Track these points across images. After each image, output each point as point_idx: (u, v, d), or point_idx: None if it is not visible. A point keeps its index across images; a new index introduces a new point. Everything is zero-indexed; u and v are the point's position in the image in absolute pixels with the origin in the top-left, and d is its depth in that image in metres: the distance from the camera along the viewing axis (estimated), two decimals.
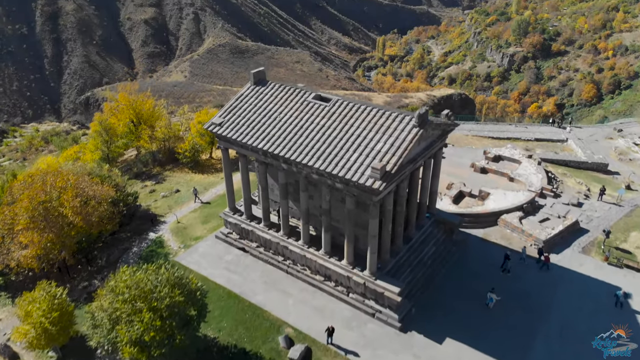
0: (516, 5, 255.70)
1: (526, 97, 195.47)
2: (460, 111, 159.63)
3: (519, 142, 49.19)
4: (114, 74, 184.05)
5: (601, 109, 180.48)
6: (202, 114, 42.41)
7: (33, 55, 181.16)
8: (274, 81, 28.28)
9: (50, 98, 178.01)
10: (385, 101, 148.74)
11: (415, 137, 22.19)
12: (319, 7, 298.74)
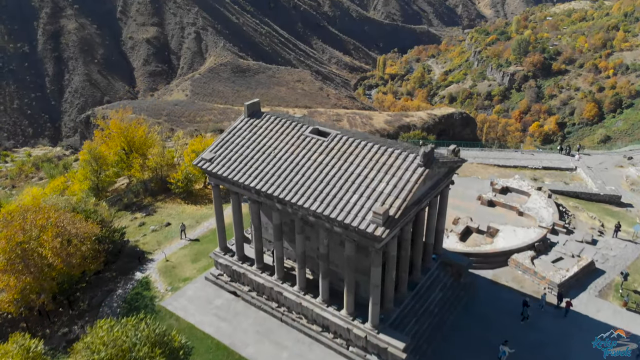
0: (516, 24, 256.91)
1: (527, 115, 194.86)
2: (462, 130, 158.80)
3: (526, 170, 47.39)
4: (115, 92, 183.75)
5: (603, 127, 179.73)
6: (196, 142, 40.59)
7: (34, 74, 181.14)
8: (270, 113, 26.65)
9: (51, 116, 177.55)
10: (386, 120, 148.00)
11: (421, 177, 20.43)
12: (320, 26, 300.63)
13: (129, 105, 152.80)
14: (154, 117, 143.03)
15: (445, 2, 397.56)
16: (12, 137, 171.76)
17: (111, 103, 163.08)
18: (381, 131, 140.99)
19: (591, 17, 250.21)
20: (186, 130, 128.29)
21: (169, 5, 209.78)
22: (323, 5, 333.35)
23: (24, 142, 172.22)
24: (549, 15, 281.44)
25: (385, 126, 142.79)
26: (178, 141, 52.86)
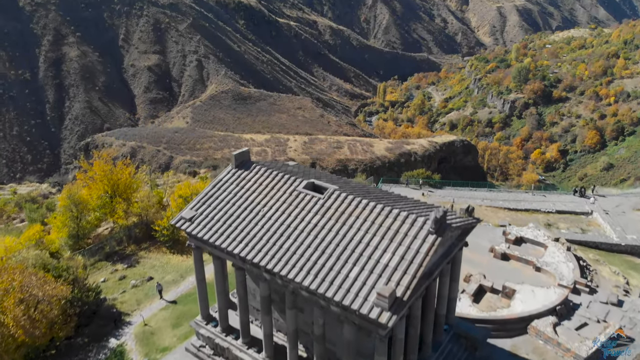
0: (515, 52, 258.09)
1: (529, 143, 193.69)
2: (463, 158, 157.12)
3: (538, 214, 44.76)
4: (116, 119, 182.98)
5: (605, 155, 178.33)
6: (184, 186, 37.72)
7: (35, 101, 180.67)
8: (260, 163, 23.94)
9: (50, 143, 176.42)
10: (387, 147, 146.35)
11: (432, 247, 17.76)
12: (321, 54, 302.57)
13: (129, 132, 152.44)
14: (153, 145, 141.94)
15: (445, 30, 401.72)
16: (10, 164, 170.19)
17: (111, 130, 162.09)
18: (382, 158, 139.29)
19: (590, 45, 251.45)
20: (181, 163, 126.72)
21: (171, 33, 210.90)
22: (324, 33, 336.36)
23: (23, 169, 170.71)
24: (548, 43, 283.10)
25: (386, 153, 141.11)
26: (167, 181, 50.25)
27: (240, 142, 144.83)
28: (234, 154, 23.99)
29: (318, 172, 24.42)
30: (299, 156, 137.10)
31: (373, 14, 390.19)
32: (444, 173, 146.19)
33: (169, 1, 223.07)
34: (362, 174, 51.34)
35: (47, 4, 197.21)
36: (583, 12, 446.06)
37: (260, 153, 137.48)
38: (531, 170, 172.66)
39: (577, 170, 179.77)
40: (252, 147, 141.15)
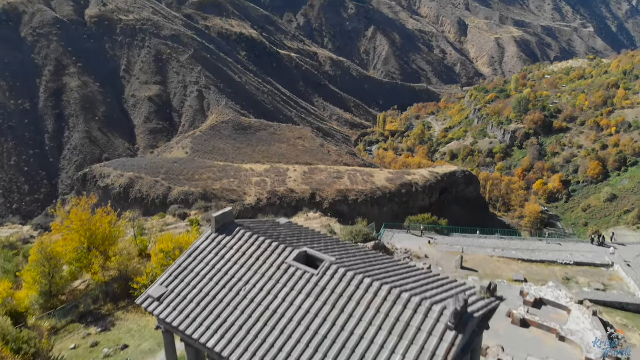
0: (515, 83, 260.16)
1: (530, 173, 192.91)
2: (465, 189, 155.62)
3: (555, 266, 41.56)
4: (115, 149, 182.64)
5: (608, 186, 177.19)
6: (166, 240, 32.26)
7: (34, 131, 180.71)
8: (244, 226, 19.35)
9: (49, 174, 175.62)
10: (388, 177, 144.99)
11: (452, 347, 13.87)
12: (322, 85, 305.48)
13: (127, 163, 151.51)
14: (152, 175, 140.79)
15: (444, 61, 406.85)
16: (7, 194, 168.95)
17: (110, 161, 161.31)
18: (383, 189, 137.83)
19: (590, 75, 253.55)
20: (179, 194, 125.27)
21: (172, 64, 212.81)
22: (324, 65, 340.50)
23: (20, 200, 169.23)
24: (547, 74, 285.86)
25: (387, 184, 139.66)
26: (153, 228, 46.68)
27: (240, 172, 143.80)
28: (214, 217, 19.41)
29: (313, 233, 20.90)
30: (298, 186, 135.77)
31: (373, 45, 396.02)
32: (445, 204, 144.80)
33: (171, 33, 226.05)
34: (363, 220, 48.19)
35: (50, 35, 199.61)
36: (581, 43, 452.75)
37: (260, 183, 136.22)
38: (534, 201, 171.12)
39: (580, 201, 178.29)
40: (251, 177, 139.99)
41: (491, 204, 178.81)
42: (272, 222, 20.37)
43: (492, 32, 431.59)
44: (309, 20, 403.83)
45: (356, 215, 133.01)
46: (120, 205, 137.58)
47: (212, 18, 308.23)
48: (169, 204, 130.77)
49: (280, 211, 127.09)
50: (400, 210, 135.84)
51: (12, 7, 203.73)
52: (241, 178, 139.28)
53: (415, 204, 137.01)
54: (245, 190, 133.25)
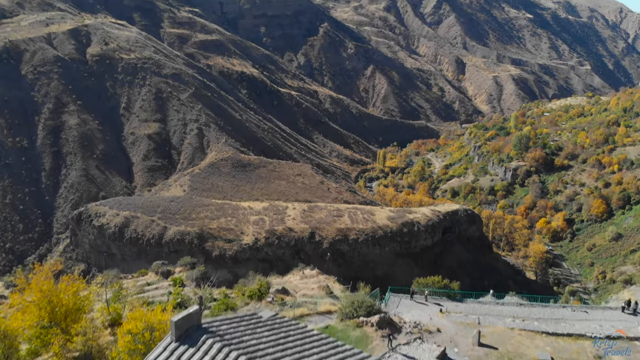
0: (514, 120, 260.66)
1: (533, 211, 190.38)
2: (467, 228, 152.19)
3: (584, 340, 35.91)
4: (112, 187, 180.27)
5: (613, 225, 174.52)
6: (136, 317, 25.96)
7: (31, 168, 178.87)
8: (214, 332, 14.86)
9: (44, 212, 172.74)
10: (389, 216, 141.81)
11: None
12: (322, 122, 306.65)
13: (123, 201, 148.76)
14: (148, 214, 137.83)
15: (442, 98, 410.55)
16: (1, 233, 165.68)
17: (106, 199, 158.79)
18: (384, 228, 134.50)
19: (589, 113, 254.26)
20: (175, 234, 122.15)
21: (172, 102, 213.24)
22: (324, 102, 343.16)
23: (13, 239, 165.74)
24: (546, 111, 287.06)
25: (388, 223, 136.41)
26: (130, 289, 41.67)
27: (238, 210, 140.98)
28: (174, 321, 14.79)
29: (303, 335, 16.54)
30: (297, 225, 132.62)
31: (372, 83, 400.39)
32: (448, 244, 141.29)
33: (172, 71, 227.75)
34: (366, 287, 43.45)
35: (50, 73, 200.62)
36: (578, 81, 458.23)
37: (258, 222, 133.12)
38: (538, 240, 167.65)
39: (585, 240, 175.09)
40: (249, 216, 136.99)
41: (494, 242, 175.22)
42: (251, 320, 16.55)
43: (490, 70, 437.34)
44: (309, 59, 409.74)
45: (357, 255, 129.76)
46: (115, 245, 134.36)
47: (214, 57, 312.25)
48: (164, 244, 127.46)
49: (278, 251, 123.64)
50: (402, 250, 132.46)
51: (13, 45, 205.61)
52: (239, 216, 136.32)
53: (417, 244, 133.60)
54: (243, 229, 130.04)
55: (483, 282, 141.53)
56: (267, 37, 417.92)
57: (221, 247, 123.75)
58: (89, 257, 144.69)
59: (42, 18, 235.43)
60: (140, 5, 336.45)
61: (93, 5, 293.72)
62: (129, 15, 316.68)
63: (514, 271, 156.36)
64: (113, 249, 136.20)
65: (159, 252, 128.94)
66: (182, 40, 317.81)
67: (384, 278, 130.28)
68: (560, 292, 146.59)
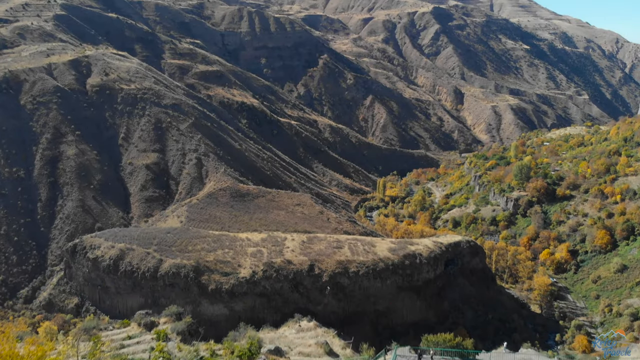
0: (514, 150, 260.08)
1: (536, 242, 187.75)
2: (470, 260, 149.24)
3: None
4: (108, 218, 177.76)
5: (618, 256, 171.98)
6: None
7: (27, 199, 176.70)
8: None
9: (38, 243, 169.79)
10: (390, 248, 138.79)
11: None
12: (321, 151, 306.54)
13: (119, 233, 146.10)
14: (143, 246, 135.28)
15: (441, 128, 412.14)
16: None
17: (102, 230, 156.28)
18: (385, 260, 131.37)
19: (589, 142, 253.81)
20: (170, 267, 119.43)
21: (172, 132, 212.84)
22: (324, 131, 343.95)
23: (6, 271, 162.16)
24: (546, 141, 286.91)
25: (390, 255, 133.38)
26: (110, 344, 37.50)
27: (235, 241, 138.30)
28: None
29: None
30: (296, 257, 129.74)
31: (371, 113, 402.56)
32: (451, 277, 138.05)
33: (172, 101, 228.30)
34: (369, 349, 39.32)
35: (49, 103, 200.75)
36: (577, 110, 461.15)
37: (256, 254, 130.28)
38: (542, 272, 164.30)
39: (590, 272, 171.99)
40: (247, 248, 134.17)
41: (498, 274, 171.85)
42: None
43: (488, 100, 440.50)
44: (309, 89, 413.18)
45: (357, 288, 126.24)
46: (109, 278, 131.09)
47: (215, 87, 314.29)
48: (160, 277, 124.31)
49: (276, 285, 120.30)
50: (405, 283, 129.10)
51: (13, 75, 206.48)
52: (236, 248, 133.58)
53: (419, 277, 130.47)
54: (240, 261, 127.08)
55: (487, 316, 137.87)
56: (267, 68, 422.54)
57: (217, 280, 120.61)
58: (82, 290, 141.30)
59: (43, 49, 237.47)
60: (141, 37, 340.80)
61: (95, 37, 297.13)
62: (131, 46, 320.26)
63: (519, 304, 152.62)
64: (107, 282, 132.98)
65: (154, 286, 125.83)
66: (182, 71, 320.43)
67: (386, 312, 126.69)
68: (567, 326, 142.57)
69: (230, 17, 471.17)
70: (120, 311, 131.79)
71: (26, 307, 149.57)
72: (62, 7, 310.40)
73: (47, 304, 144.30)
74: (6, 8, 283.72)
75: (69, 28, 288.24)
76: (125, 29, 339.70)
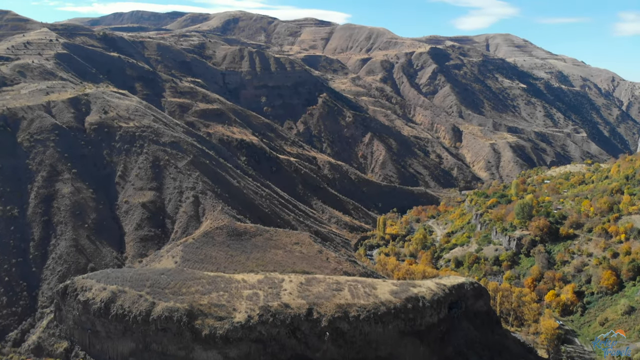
0: (515, 188, 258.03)
1: (541, 283, 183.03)
2: (474, 302, 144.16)
3: None
4: (102, 258, 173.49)
5: (625, 297, 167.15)
6: None
7: (19, 238, 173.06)
8: None
9: (30, 284, 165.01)
10: (392, 290, 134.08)
11: None
12: (320, 188, 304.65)
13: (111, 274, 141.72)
14: (136, 289, 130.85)
15: (440, 165, 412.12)
16: None
17: (94, 271, 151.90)
18: (387, 303, 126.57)
19: (590, 180, 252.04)
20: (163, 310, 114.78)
21: (169, 170, 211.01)
22: (323, 168, 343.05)
23: None
24: (546, 179, 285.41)
25: (391, 298, 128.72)
26: None
27: (231, 283, 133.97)
28: None
29: None
30: (294, 300, 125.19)
31: (370, 150, 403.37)
32: (455, 320, 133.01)
33: (171, 139, 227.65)
34: None
35: (47, 141, 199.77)
36: (575, 148, 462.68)
37: (252, 297, 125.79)
38: (548, 315, 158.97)
39: (597, 314, 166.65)
40: (242, 290, 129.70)
41: (502, 317, 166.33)
42: None
43: (487, 137, 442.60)
44: (309, 127, 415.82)
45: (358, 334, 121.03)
46: (100, 322, 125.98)
47: (214, 125, 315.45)
48: (152, 321, 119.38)
49: (272, 330, 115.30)
50: (407, 328, 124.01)
51: (11, 113, 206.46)
52: (231, 291, 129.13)
53: (422, 321, 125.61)
54: (235, 305, 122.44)
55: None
56: (267, 106, 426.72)
57: (211, 325, 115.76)
58: (72, 334, 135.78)
59: (43, 87, 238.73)
60: (143, 75, 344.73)
61: (95, 75, 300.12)
62: (131, 85, 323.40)
63: (526, 349, 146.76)
64: (98, 326, 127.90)
65: (145, 330, 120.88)
66: (183, 109, 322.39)
67: (388, 359, 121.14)
68: None
69: (231, 56, 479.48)
70: (110, 356, 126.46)
71: (14, 351, 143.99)
72: (64, 46, 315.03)
73: (36, 347, 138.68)
74: (8, 46, 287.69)
75: (70, 66, 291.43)
76: (127, 67, 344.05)
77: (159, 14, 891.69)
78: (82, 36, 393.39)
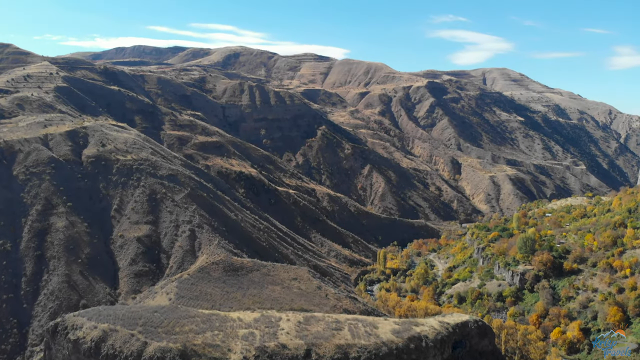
0: (517, 221, 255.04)
1: (546, 320, 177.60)
2: (479, 342, 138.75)
3: None
4: (94, 295, 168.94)
5: (632, 334, 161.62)
6: None
7: (11, 273, 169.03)
8: None
9: (20, 321, 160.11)
10: (394, 329, 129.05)
11: None
12: (319, 220, 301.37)
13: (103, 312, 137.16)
14: (128, 327, 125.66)
15: (440, 197, 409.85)
16: None
17: (86, 309, 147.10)
18: (388, 344, 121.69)
19: (592, 214, 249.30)
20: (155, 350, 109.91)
21: (166, 203, 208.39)
22: (322, 200, 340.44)
23: None
24: (547, 212, 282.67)
25: (393, 337, 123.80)
26: None
27: (226, 322, 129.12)
28: None
29: None
30: (291, 340, 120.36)
31: (369, 182, 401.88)
32: None
33: (168, 172, 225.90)
34: None
35: (42, 174, 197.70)
36: (575, 180, 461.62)
37: (247, 337, 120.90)
38: (554, 354, 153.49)
39: (605, 353, 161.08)
40: (238, 330, 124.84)
41: (507, 356, 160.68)
42: None
43: (486, 170, 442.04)
44: (308, 159, 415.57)
45: None
46: None
47: (213, 158, 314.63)
48: None
49: None
50: None
51: (7, 146, 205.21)
52: (227, 330, 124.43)
53: None
54: (230, 345, 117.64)
55: None
56: (267, 138, 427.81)
57: None
58: None
59: (41, 119, 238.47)
60: (142, 108, 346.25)
61: (95, 108, 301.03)
62: (131, 118, 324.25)
63: None
64: None
65: None
66: (182, 142, 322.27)
67: None
68: None
69: (231, 90, 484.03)
70: None
71: None
72: (64, 80, 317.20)
73: None
74: (7, 79, 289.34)
75: (69, 99, 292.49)
76: (127, 100, 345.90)
77: (160, 49, 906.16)
78: (83, 70, 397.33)
